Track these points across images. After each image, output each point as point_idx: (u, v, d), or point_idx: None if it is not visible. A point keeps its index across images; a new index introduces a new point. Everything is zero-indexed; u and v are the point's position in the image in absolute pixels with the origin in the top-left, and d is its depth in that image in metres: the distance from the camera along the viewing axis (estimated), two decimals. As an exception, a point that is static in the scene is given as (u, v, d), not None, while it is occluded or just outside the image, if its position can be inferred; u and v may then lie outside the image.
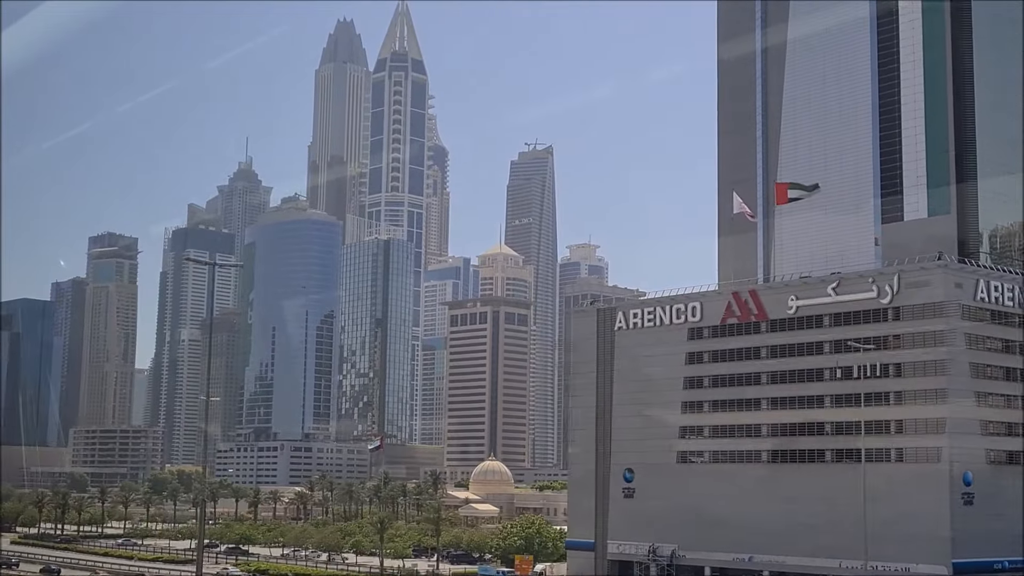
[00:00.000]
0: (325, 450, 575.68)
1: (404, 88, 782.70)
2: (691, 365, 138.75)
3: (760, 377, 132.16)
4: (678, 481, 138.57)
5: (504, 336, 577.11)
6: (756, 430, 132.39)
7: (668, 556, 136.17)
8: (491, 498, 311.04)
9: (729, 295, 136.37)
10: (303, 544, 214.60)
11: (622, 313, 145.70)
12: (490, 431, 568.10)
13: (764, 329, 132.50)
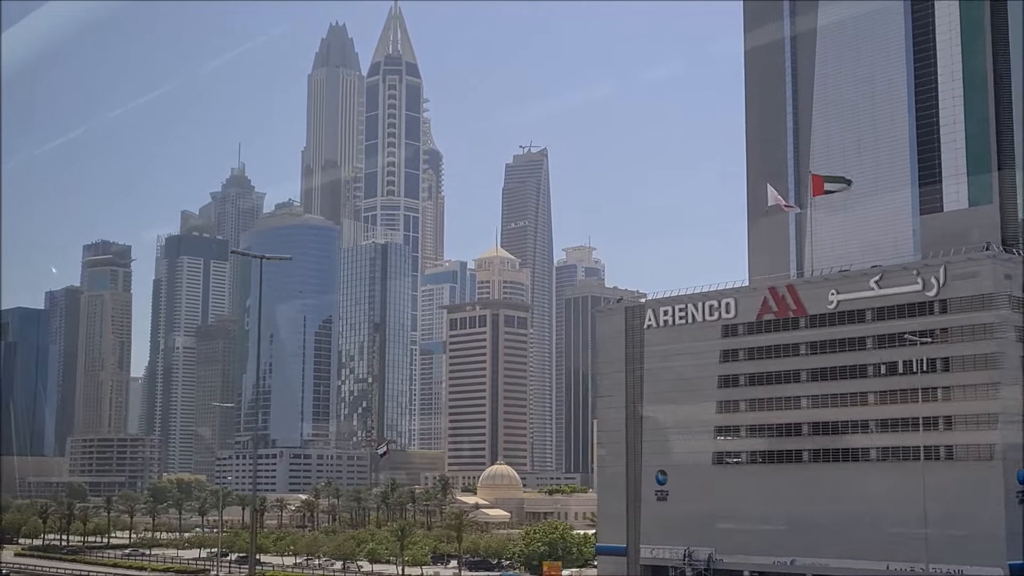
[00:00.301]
0: (325, 457, 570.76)
1: (398, 91, 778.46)
2: (726, 363, 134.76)
3: (799, 374, 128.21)
4: (714, 482, 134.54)
5: (504, 339, 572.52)
6: (796, 429, 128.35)
7: (704, 560, 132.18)
8: (500, 503, 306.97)
9: (765, 290, 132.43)
10: (316, 552, 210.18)
11: (651, 311, 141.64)
12: (491, 435, 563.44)
13: (803, 325, 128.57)
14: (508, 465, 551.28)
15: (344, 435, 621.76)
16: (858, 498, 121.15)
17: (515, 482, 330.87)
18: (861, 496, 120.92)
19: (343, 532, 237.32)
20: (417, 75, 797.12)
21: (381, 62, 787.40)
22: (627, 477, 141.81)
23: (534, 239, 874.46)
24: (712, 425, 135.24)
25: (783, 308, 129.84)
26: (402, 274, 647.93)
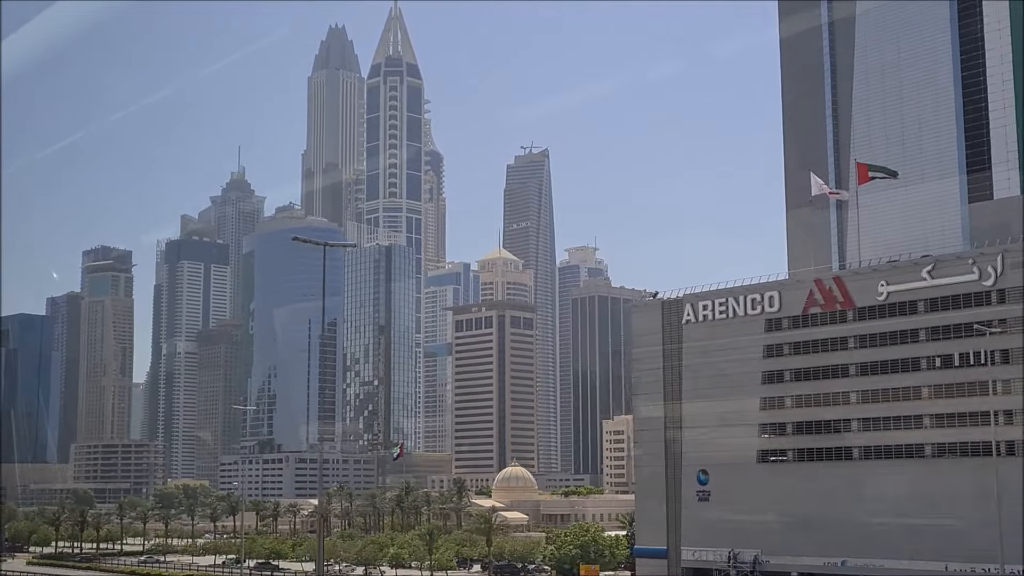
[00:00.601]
0: (331, 461, 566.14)
1: (399, 93, 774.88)
2: (770, 358, 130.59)
3: (848, 369, 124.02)
4: (759, 482, 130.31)
5: (510, 340, 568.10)
6: (845, 425, 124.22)
7: (750, 562, 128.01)
8: (516, 505, 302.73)
9: (811, 283, 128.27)
10: (338, 558, 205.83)
11: (690, 305, 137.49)
12: (498, 437, 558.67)
13: (851, 318, 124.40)
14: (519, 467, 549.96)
15: (350, 438, 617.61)
16: (912, 496, 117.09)
17: (530, 484, 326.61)
18: (916, 494, 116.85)
19: (360, 537, 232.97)
20: (418, 76, 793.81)
21: (382, 63, 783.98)
22: (666, 477, 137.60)
23: (536, 240, 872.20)
24: (756, 422, 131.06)
25: (830, 301, 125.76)
26: (406, 276, 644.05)
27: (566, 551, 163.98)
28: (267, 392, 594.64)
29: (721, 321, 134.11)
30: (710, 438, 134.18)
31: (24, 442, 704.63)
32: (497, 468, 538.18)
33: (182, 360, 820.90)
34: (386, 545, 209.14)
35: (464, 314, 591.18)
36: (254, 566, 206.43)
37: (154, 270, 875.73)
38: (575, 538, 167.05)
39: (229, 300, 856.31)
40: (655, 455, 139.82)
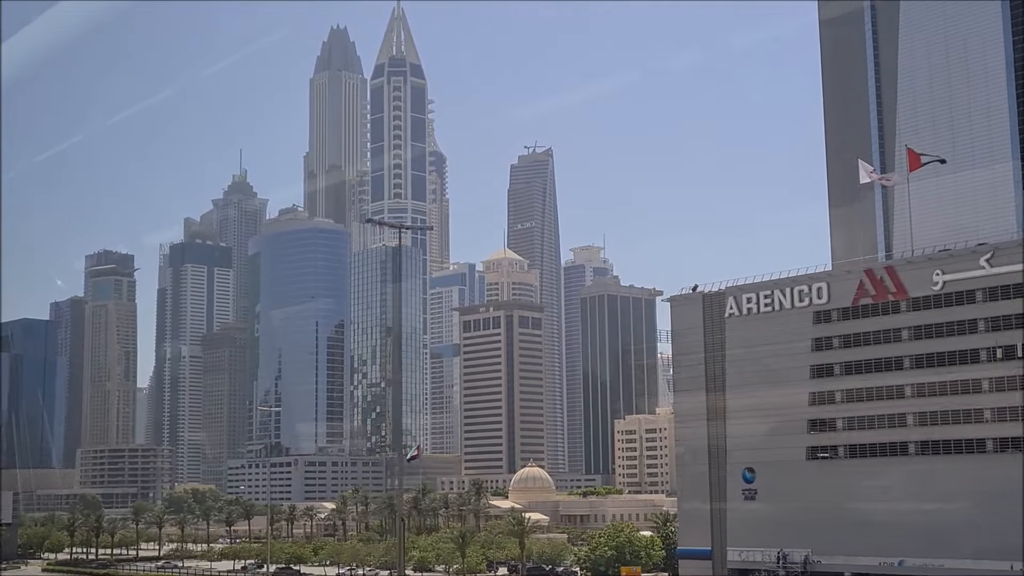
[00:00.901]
0: (340, 463, 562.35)
1: (403, 93, 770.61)
2: (818, 352, 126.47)
3: (903, 362, 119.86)
4: (808, 479, 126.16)
5: (518, 340, 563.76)
6: (900, 420, 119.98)
7: (800, 562, 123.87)
8: (534, 506, 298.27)
9: (861, 273, 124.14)
10: (361, 561, 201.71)
11: (733, 298, 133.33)
12: (508, 437, 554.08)
13: (904, 308, 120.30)
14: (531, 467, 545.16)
15: (358, 441, 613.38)
16: (974, 492, 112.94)
17: (548, 484, 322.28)
18: (977, 490, 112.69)
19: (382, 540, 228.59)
20: (421, 76, 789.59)
21: (385, 64, 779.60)
22: (710, 476, 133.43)
23: (541, 239, 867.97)
24: (804, 418, 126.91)
25: (881, 291, 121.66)
26: (414, 277, 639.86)
27: (601, 552, 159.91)
28: (274, 394, 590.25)
29: (766, 314, 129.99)
30: (756, 435, 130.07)
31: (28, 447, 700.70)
32: (507, 469, 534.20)
33: (186, 364, 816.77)
34: (409, 548, 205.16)
35: (472, 315, 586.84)
36: (274, 571, 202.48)
37: (156, 273, 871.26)
38: (609, 539, 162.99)
39: (232, 303, 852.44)
40: (698, 453, 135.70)
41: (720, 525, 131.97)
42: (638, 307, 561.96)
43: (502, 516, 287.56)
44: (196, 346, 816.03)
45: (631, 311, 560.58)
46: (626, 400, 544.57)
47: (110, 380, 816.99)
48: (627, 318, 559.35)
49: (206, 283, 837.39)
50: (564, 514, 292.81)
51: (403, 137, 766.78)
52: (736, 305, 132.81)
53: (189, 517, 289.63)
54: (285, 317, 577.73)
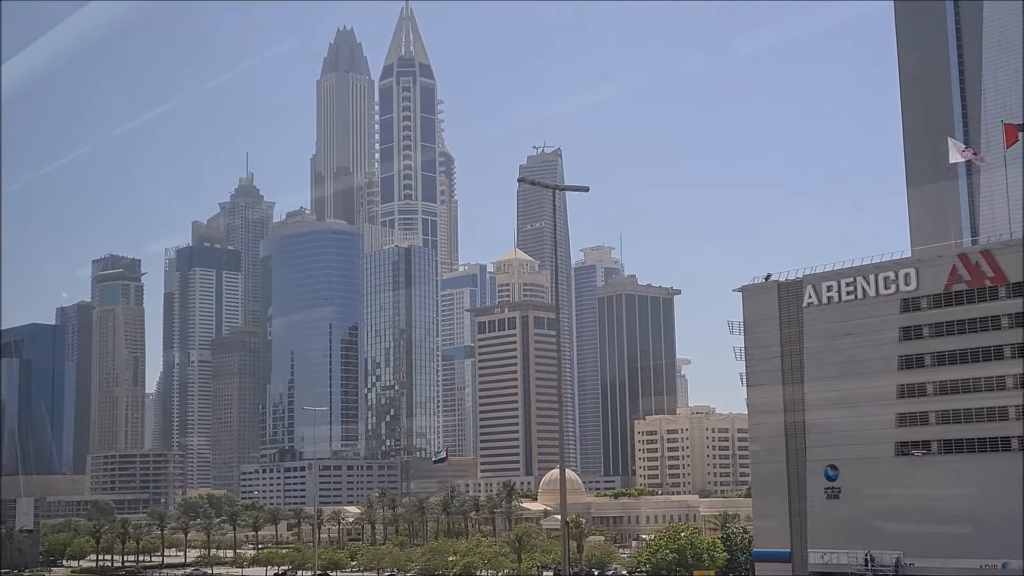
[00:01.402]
0: (355, 467, 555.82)
1: (413, 94, 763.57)
2: (907, 342, 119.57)
3: (1003, 351, 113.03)
4: (897, 477, 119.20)
5: (534, 341, 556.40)
6: (1001, 413, 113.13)
7: (891, 564, 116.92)
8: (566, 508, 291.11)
9: (953, 257, 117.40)
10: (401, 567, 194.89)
11: (811, 287, 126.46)
12: (524, 440, 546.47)
13: (1003, 295, 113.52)
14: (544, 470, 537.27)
15: (372, 445, 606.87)
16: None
17: (578, 486, 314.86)
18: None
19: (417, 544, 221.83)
20: (431, 76, 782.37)
21: (394, 64, 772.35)
22: (788, 474, 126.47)
23: (552, 240, 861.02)
24: (892, 412, 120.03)
25: (977, 276, 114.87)
26: (427, 278, 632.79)
27: (663, 555, 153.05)
28: (287, 398, 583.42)
29: (849, 303, 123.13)
30: (838, 430, 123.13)
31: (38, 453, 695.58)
32: (524, 471, 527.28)
33: (195, 368, 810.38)
34: (448, 552, 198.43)
35: (486, 316, 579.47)
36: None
37: (162, 278, 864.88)
38: (669, 541, 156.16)
39: (241, 307, 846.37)
40: (774, 450, 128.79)
41: (800, 525, 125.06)
42: (656, 306, 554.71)
43: (531, 518, 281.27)
44: (205, 350, 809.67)
45: (648, 310, 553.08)
46: (644, 400, 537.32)
47: (118, 385, 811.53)
48: (645, 317, 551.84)
49: (214, 287, 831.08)
50: (596, 516, 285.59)
51: (413, 138, 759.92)
52: (815, 294, 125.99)
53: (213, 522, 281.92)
54: (298, 320, 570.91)
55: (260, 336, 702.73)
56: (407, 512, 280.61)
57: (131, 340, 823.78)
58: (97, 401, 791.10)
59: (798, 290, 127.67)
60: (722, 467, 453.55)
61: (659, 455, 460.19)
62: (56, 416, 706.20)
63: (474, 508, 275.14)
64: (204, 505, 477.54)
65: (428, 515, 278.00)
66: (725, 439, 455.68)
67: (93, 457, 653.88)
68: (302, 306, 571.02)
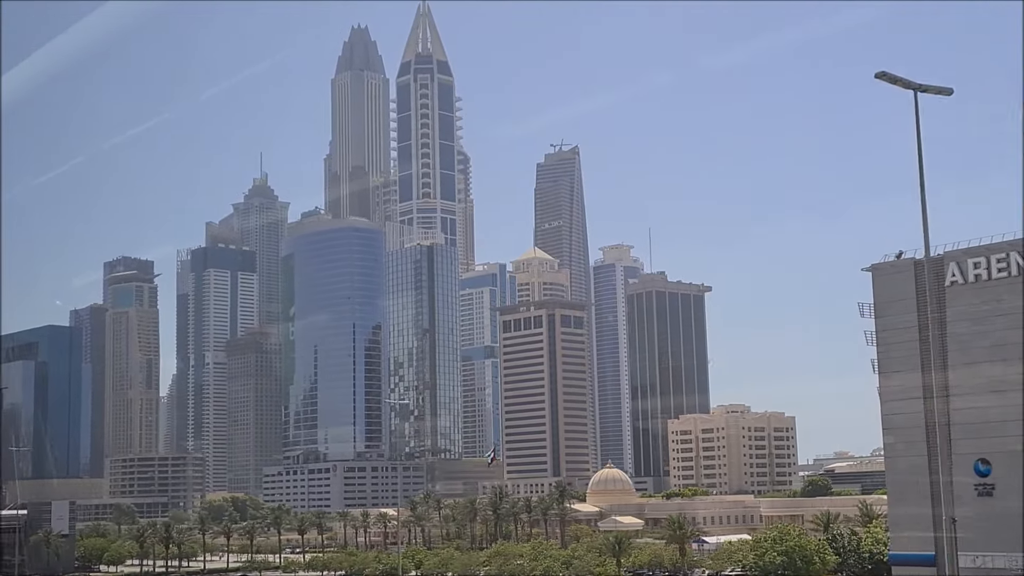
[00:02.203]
0: (380, 469, 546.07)
1: (431, 91, 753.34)
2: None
3: None
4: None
5: (561, 340, 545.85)
6: None
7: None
8: (616, 509, 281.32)
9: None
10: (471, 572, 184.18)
11: (955, 264, 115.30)
12: (552, 440, 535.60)
13: None
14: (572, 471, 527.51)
15: (395, 445, 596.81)
16: None
17: (628, 486, 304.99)
18: None
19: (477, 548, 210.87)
20: (449, 73, 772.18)
21: (412, 61, 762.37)
22: (930, 469, 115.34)
23: (569, 239, 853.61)
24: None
25: None
26: (450, 277, 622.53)
27: (770, 559, 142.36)
28: (312, 399, 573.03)
29: (1000, 280, 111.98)
30: (990, 421, 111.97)
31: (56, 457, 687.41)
32: (551, 472, 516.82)
33: (210, 371, 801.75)
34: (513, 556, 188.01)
35: (511, 314, 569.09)
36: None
37: (174, 280, 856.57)
38: (774, 544, 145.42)
39: (257, 308, 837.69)
40: (913, 443, 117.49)
41: (946, 526, 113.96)
42: (687, 303, 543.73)
43: (583, 520, 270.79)
44: (220, 352, 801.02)
45: (680, 308, 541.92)
46: (676, 399, 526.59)
47: (132, 388, 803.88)
48: (676, 315, 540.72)
49: (229, 288, 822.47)
50: (650, 517, 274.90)
51: (431, 135, 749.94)
52: (960, 272, 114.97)
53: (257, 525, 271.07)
54: (321, 320, 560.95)
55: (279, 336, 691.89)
56: (458, 514, 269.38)
57: (145, 342, 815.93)
58: (111, 404, 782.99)
59: (939, 268, 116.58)
60: (759, 466, 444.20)
61: (694, 455, 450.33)
62: (73, 419, 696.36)
63: (526, 510, 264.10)
64: (229, 508, 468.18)
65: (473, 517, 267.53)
66: (761, 438, 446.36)
67: (111, 460, 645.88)
68: (325, 305, 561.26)
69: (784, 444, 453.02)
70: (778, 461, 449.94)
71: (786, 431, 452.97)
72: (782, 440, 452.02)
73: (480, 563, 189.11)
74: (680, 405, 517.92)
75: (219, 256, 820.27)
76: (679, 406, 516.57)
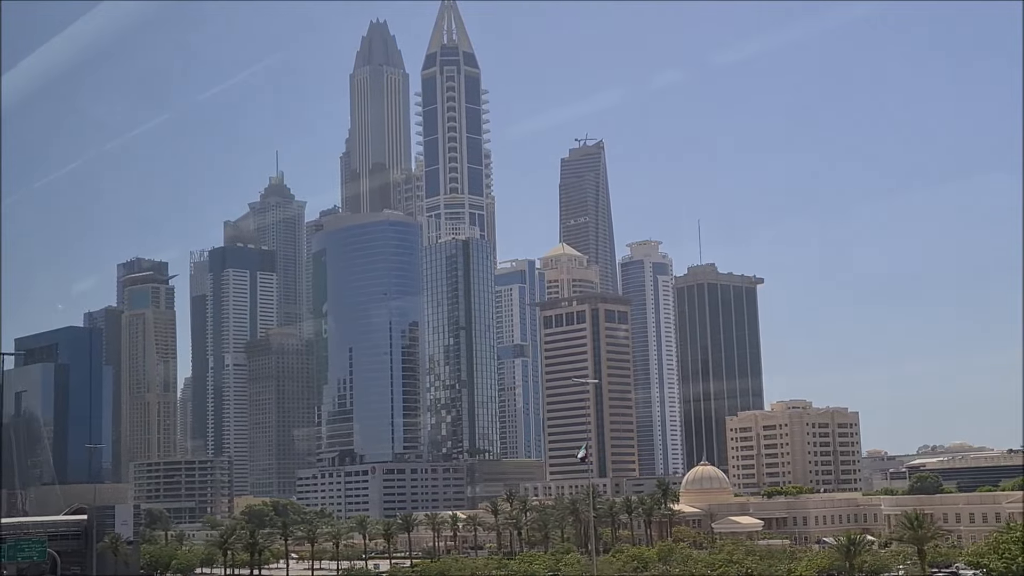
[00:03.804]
0: (419, 471, 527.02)
1: (457, 83, 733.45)
2: None
3: None
4: None
5: (605, 336, 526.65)
6: None
7: None
8: (714, 509, 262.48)
9: None
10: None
11: None
12: (597, 439, 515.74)
13: None
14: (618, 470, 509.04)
15: (433, 446, 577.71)
16: None
17: (725, 484, 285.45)
18: None
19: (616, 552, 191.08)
20: (475, 65, 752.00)
21: (437, 53, 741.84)
22: None
23: (595, 235, 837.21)
24: None
25: None
26: (486, 272, 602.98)
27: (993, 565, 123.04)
28: (346, 399, 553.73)
29: None
30: None
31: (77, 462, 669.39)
32: (598, 473, 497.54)
33: (230, 372, 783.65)
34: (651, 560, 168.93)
35: (551, 310, 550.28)
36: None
37: (188, 281, 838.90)
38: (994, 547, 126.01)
39: (276, 308, 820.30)
40: None
41: None
42: (738, 296, 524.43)
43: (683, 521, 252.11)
44: (239, 354, 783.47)
45: (732, 301, 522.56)
46: (730, 396, 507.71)
47: (149, 391, 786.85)
48: (728, 307, 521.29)
49: (248, 288, 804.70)
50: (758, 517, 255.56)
51: (458, 129, 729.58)
52: None
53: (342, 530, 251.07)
54: (355, 317, 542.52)
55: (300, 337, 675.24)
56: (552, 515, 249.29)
57: (162, 344, 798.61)
58: (128, 408, 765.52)
59: None
60: (823, 463, 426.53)
61: (755, 453, 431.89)
62: (95, 423, 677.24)
63: (625, 510, 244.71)
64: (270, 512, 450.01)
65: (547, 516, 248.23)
66: (825, 434, 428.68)
67: (136, 464, 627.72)
68: (360, 302, 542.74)
69: (848, 440, 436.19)
70: (843, 459, 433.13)
71: (850, 426, 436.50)
72: (846, 436, 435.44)
73: (608, 571, 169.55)
74: (733, 401, 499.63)
75: (238, 256, 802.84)
76: (732, 402, 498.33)
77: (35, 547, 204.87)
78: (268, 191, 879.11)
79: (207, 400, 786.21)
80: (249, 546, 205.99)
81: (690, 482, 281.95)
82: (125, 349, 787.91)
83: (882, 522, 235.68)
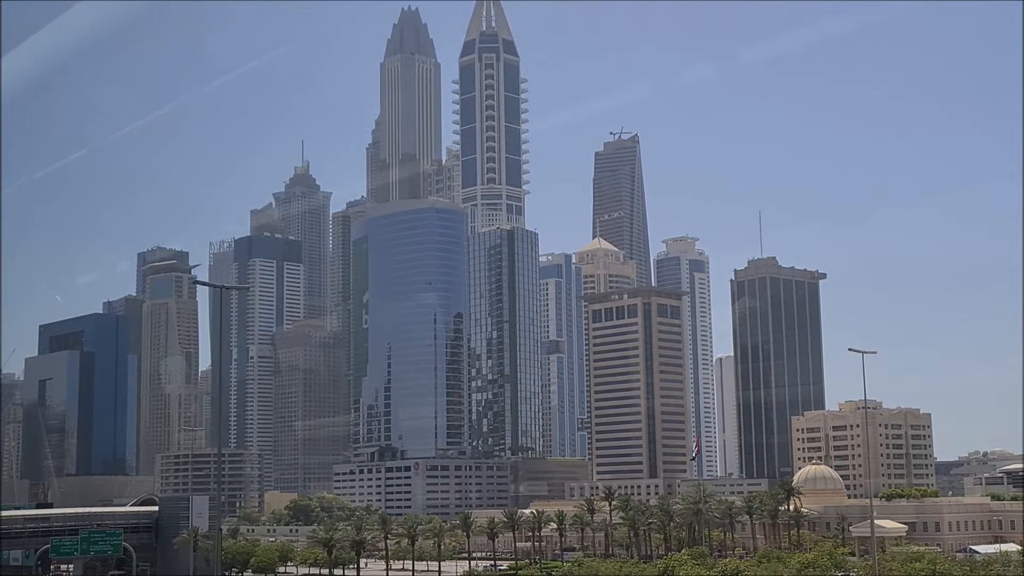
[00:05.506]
0: (463, 468, 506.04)
1: (496, 71, 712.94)
2: None
3: None
4: None
5: (657, 331, 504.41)
6: None
7: None
8: (831, 511, 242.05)
9: None
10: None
11: None
12: (648, 438, 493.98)
13: None
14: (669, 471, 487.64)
15: (475, 443, 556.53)
16: None
17: (839, 485, 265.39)
18: None
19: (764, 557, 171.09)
20: (515, 53, 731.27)
21: (476, 40, 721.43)
22: None
23: (630, 231, 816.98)
24: None
25: None
26: (530, 264, 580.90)
27: None
28: (386, 392, 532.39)
29: None
30: None
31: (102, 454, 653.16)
32: (647, 473, 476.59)
33: (255, 365, 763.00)
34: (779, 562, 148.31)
35: (600, 303, 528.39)
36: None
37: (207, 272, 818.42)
38: None
39: (303, 299, 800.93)
40: None
41: None
42: (801, 291, 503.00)
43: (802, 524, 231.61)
44: (265, 346, 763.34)
45: (794, 296, 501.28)
46: (793, 394, 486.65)
47: (171, 383, 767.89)
48: (791, 304, 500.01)
49: (275, 278, 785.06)
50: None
51: (496, 118, 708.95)
52: None
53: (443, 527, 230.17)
54: (398, 307, 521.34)
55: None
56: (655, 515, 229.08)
57: (184, 335, 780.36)
58: (148, 399, 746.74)
59: None
60: (896, 466, 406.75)
61: (824, 454, 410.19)
62: (120, 413, 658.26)
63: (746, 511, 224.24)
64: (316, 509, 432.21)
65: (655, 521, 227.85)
66: (898, 436, 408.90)
67: (163, 457, 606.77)
68: (403, 292, 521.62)
69: (921, 443, 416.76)
70: (915, 462, 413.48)
71: (923, 428, 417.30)
72: (919, 438, 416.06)
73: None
74: (796, 401, 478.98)
75: (264, 245, 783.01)
76: (794, 402, 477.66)
77: (110, 540, 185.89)
78: (293, 181, 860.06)
79: (230, 392, 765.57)
80: (355, 544, 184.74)
81: (802, 482, 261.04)
82: (146, 339, 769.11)
83: (1019, 530, 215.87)
